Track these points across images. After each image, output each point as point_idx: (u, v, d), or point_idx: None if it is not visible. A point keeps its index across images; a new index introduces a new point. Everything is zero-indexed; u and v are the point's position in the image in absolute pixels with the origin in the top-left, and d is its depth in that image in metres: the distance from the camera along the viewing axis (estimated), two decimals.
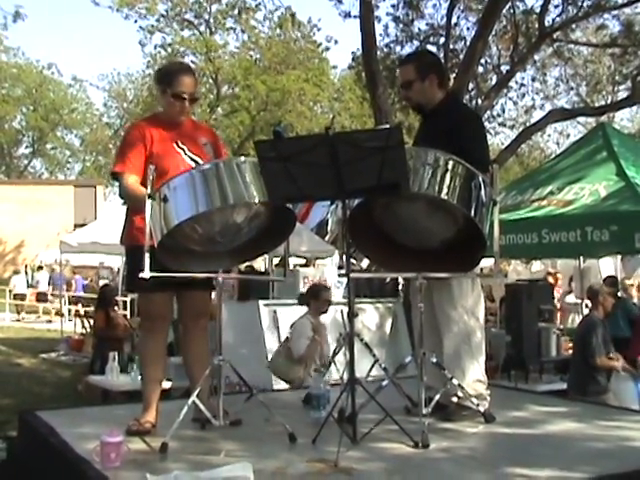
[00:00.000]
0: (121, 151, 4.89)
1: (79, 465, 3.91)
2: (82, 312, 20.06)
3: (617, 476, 3.82)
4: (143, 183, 4.56)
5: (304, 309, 8.15)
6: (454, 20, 16.47)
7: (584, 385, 7.92)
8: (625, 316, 10.18)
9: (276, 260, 12.91)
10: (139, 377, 6.13)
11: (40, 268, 30.10)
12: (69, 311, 22.53)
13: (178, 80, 4.79)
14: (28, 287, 28.58)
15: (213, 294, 4.97)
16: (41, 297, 27.79)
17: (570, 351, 9.81)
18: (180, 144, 4.80)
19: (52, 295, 27.21)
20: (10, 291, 26.92)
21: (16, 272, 29.76)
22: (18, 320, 25.32)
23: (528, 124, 19.90)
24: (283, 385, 7.35)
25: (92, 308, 19.66)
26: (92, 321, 14.86)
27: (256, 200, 4.26)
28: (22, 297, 27.49)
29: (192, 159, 4.76)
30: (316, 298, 7.53)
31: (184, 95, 4.79)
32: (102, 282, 24.41)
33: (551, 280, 14.30)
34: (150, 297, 4.74)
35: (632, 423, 5.04)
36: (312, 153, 3.96)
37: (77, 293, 25.88)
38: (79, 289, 26.32)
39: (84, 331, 16.38)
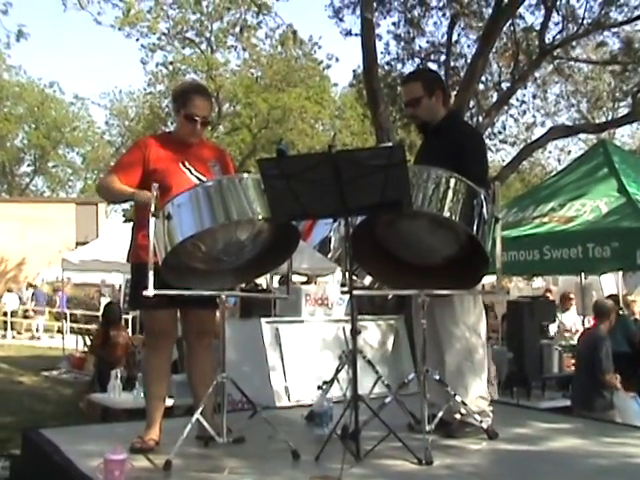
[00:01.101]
0: (123, 160, 4.99)
1: None
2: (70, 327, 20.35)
3: None
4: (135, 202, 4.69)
5: (306, 326, 8.16)
6: (455, 38, 16.58)
7: (590, 401, 7.89)
8: (624, 331, 10.19)
9: (277, 278, 12.92)
10: (141, 395, 6.14)
11: (30, 285, 30.27)
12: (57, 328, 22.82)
13: (192, 102, 4.81)
14: (21, 304, 28.76)
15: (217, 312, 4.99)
16: (28, 314, 28.16)
17: (572, 367, 9.82)
18: (187, 164, 4.81)
19: (33, 311, 27.58)
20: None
21: (9, 290, 29.85)
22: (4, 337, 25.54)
23: (529, 141, 19.94)
24: (286, 402, 7.35)
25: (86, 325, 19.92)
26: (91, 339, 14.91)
27: (259, 216, 4.28)
28: (13, 315, 27.74)
29: (198, 178, 4.77)
30: None
31: (196, 117, 4.81)
32: (104, 300, 24.51)
33: (550, 297, 14.28)
34: (154, 314, 4.75)
35: (635, 440, 5.04)
36: (315, 171, 3.99)
37: (60, 309, 26.28)
38: (63, 305, 26.59)
39: (86, 349, 16.36)
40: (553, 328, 11.60)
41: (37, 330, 26.50)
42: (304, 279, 14.48)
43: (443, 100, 5.23)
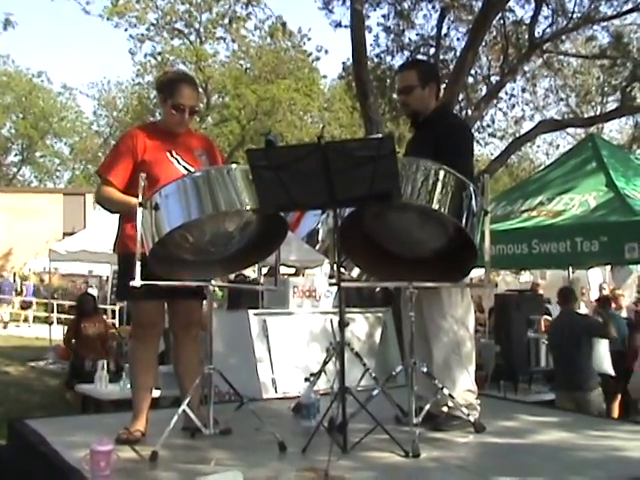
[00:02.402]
0: (111, 157, 4.91)
1: (69, 474, 3.90)
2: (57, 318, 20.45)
3: None
4: (125, 193, 4.65)
5: (294, 318, 8.14)
6: (444, 31, 16.56)
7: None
8: (618, 331, 10.23)
9: (264, 269, 12.90)
10: (128, 386, 6.12)
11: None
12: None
13: (179, 91, 4.79)
14: None
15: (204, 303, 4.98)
16: None
17: None
18: (174, 154, 4.79)
19: None
20: None
21: None
22: None
23: (518, 135, 19.93)
24: (273, 394, 7.34)
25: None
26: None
27: (247, 207, 4.26)
28: None
29: (185, 168, 4.76)
30: None
31: (184, 107, 4.79)
32: (91, 291, 24.45)
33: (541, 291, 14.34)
34: (141, 305, 4.73)
35: (621, 433, 5.06)
36: (304, 162, 3.97)
37: (27, 298, 27.83)
38: (29, 294, 26.90)
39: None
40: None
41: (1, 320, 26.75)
42: (292, 271, 14.48)
43: (436, 93, 5.24)
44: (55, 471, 4.11)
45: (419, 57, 16.49)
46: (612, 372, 9.02)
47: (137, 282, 4.19)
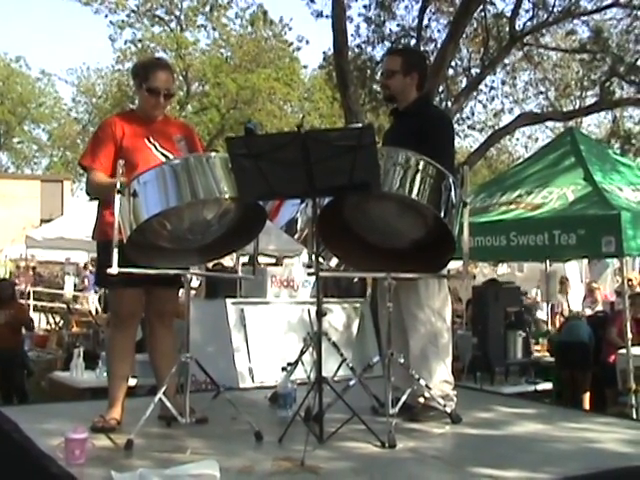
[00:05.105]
0: (91, 146, 4.87)
1: (43, 462, 3.87)
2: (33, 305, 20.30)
3: (581, 477, 3.85)
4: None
5: (271, 308, 8.13)
6: (425, 22, 16.51)
7: None
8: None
9: (244, 259, 12.88)
10: (104, 374, 6.09)
11: None
12: None
13: (154, 75, 4.79)
14: None
15: (181, 292, 4.96)
16: None
17: (537, 354, 10.06)
18: (152, 140, 4.78)
19: None
20: None
21: None
22: None
23: (497, 127, 19.96)
24: (250, 383, 7.33)
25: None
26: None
27: (226, 196, 4.24)
28: None
29: (163, 154, 4.74)
30: None
31: (159, 90, 4.78)
32: (68, 278, 24.30)
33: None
34: (121, 293, 4.71)
35: (597, 425, 5.09)
36: (283, 150, 3.96)
37: None
38: None
39: (49, 327, 16.21)
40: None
41: None
42: (271, 260, 14.44)
43: (418, 84, 5.21)
44: (29, 459, 4.08)
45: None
46: None
47: (114, 269, 4.17)
